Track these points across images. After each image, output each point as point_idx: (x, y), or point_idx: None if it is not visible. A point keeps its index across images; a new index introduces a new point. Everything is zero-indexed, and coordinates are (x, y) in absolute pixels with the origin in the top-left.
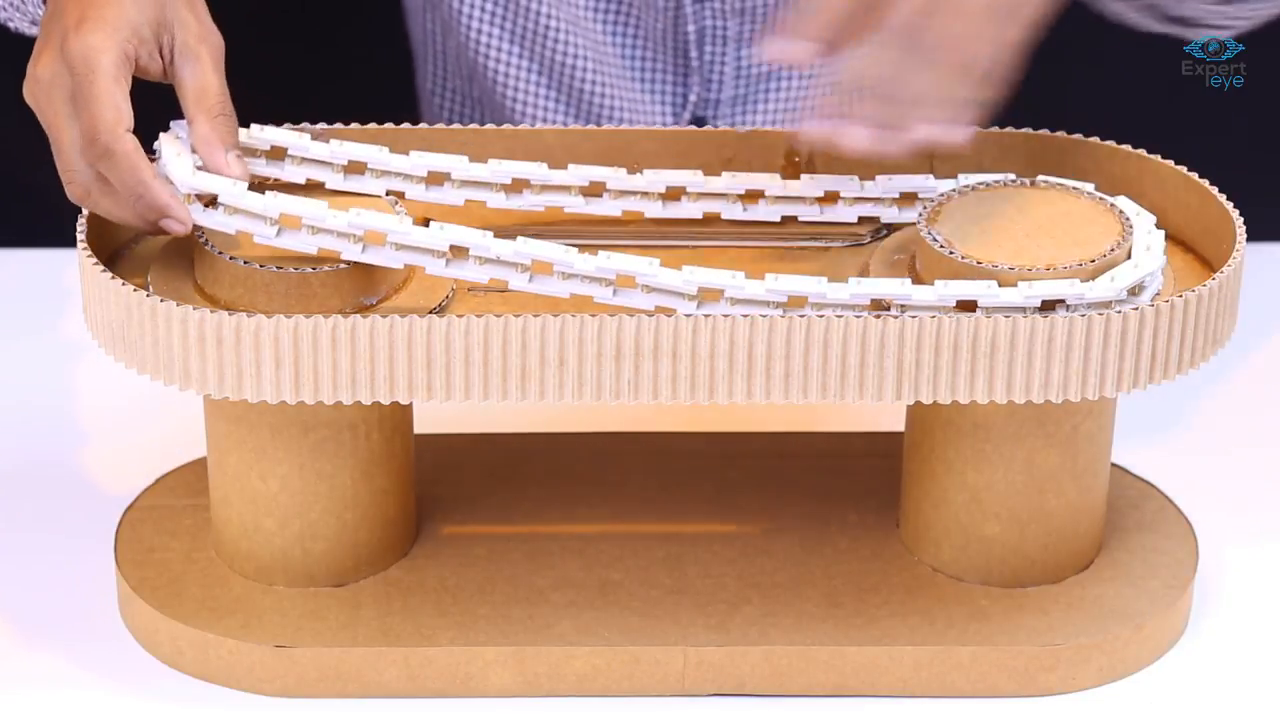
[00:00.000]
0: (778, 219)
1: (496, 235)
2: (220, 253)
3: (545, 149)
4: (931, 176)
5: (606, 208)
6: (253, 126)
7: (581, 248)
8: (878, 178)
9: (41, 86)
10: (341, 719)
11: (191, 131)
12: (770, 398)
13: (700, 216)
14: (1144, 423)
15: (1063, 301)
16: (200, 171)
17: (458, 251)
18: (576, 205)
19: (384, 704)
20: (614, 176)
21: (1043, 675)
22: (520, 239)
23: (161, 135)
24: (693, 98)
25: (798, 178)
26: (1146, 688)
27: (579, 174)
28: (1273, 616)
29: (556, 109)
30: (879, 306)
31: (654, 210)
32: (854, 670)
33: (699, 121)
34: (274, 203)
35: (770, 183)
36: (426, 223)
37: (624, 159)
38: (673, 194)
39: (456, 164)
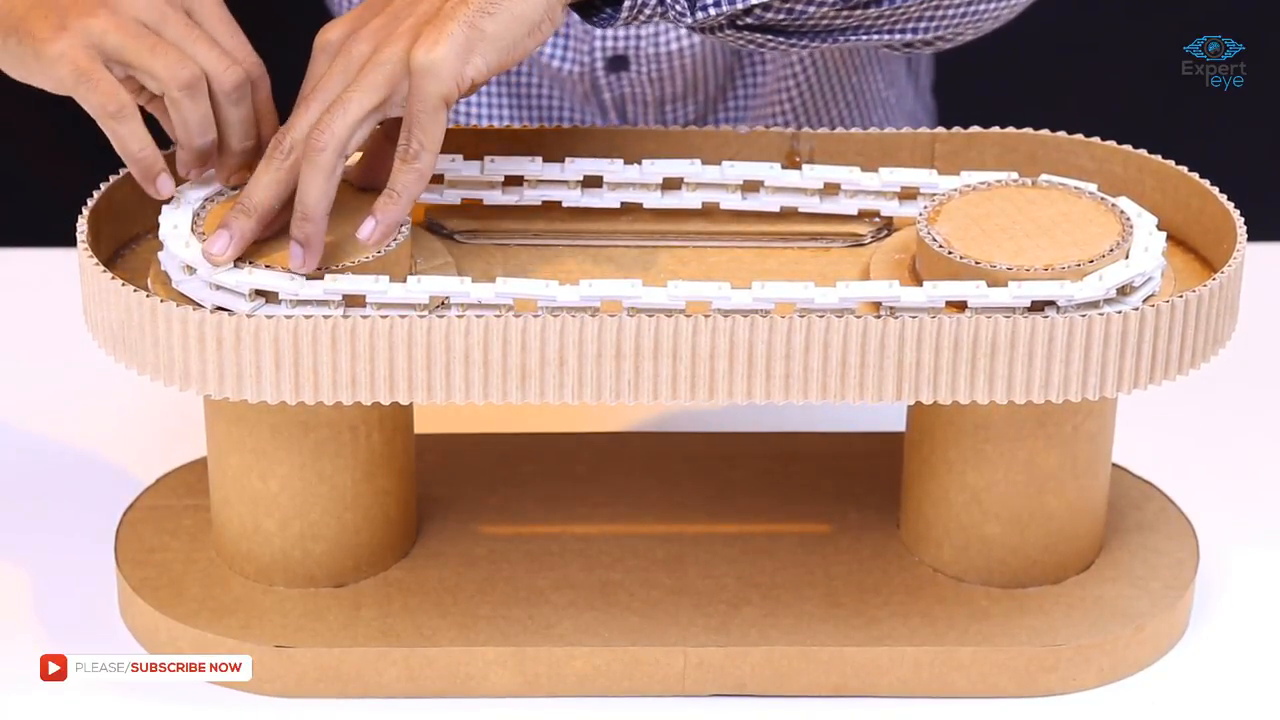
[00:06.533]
0: (777, 209)
1: (475, 281)
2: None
3: (544, 149)
4: (934, 171)
5: (605, 199)
6: None
7: (579, 249)
8: (880, 170)
9: (136, 26)
10: (341, 719)
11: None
12: (770, 398)
13: (699, 206)
14: (1144, 423)
15: (1053, 303)
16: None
17: (438, 301)
18: (574, 199)
19: (384, 704)
20: (611, 169)
21: (1043, 676)
22: (500, 279)
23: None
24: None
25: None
26: (1147, 688)
27: (576, 168)
28: (1273, 617)
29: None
30: (873, 308)
31: (653, 201)
32: (854, 670)
33: None
34: (248, 279)
35: (769, 173)
36: (409, 272)
37: (624, 158)
38: (671, 184)
39: (450, 164)
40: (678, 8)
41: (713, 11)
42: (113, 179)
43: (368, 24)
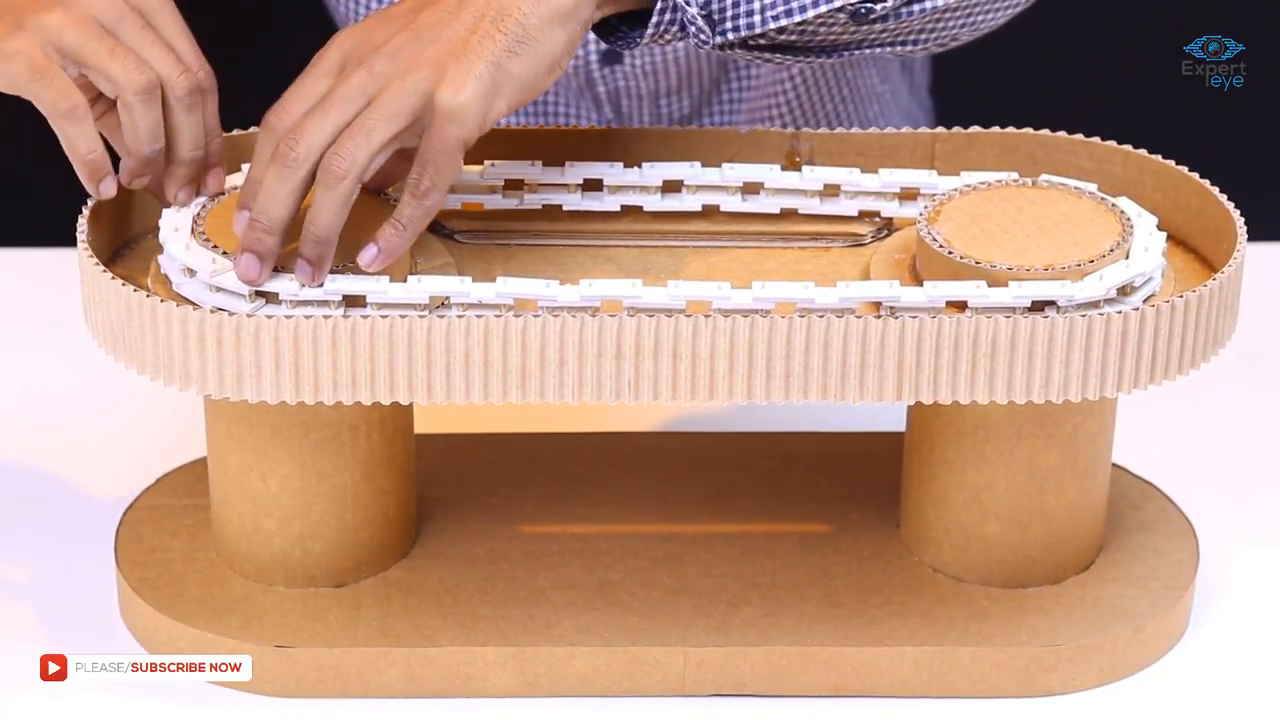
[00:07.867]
0: (777, 210)
1: (475, 280)
2: (216, 248)
3: (544, 150)
4: (934, 172)
5: (605, 203)
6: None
7: (579, 249)
8: (880, 171)
9: (93, 25)
10: (341, 719)
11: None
12: (770, 398)
13: (699, 209)
14: (1144, 423)
15: (1053, 302)
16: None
17: (438, 301)
18: (574, 202)
19: (384, 704)
20: (611, 172)
21: (1043, 676)
22: (500, 279)
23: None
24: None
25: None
26: (1147, 688)
27: (576, 172)
28: (1273, 617)
29: None
30: (873, 308)
31: (653, 204)
32: (854, 670)
33: None
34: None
35: (769, 174)
36: (409, 272)
37: (624, 159)
38: (671, 187)
39: None
40: (702, 36)
41: (731, 36)
42: None
43: (390, 39)
